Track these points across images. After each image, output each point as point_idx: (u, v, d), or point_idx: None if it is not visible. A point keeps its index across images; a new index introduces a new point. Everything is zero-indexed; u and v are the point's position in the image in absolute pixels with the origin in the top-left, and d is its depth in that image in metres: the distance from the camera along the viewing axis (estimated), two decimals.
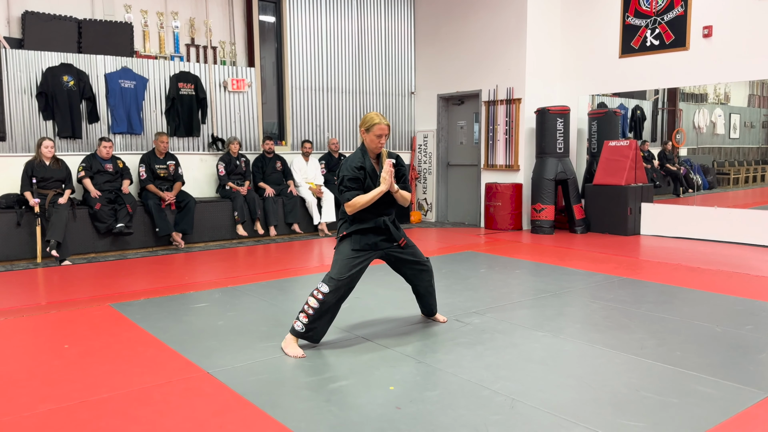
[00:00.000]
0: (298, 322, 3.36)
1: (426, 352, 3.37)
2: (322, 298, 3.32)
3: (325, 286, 3.34)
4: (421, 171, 9.89)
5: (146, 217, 7.01)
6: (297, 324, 3.36)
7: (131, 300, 4.61)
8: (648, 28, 7.71)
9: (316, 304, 3.32)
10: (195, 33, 7.94)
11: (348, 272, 3.37)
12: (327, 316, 3.37)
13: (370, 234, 3.49)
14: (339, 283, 3.34)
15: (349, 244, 3.44)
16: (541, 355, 3.33)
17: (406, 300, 4.53)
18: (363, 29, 9.34)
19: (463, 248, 6.95)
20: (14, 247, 6.23)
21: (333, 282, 3.34)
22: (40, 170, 6.33)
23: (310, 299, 3.35)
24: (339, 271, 3.37)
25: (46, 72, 6.71)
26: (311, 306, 3.33)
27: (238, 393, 2.81)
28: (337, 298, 3.37)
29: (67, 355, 3.38)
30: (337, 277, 3.35)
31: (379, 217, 3.49)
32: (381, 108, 9.62)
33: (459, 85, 9.20)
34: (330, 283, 3.34)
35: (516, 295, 4.69)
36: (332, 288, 3.33)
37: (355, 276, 3.40)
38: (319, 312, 3.33)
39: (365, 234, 3.48)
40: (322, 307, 3.33)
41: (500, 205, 8.40)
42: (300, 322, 3.35)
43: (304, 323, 3.34)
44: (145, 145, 7.48)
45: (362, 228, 3.46)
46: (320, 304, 3.32)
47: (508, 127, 8.60)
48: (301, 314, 3.36)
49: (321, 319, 3.35)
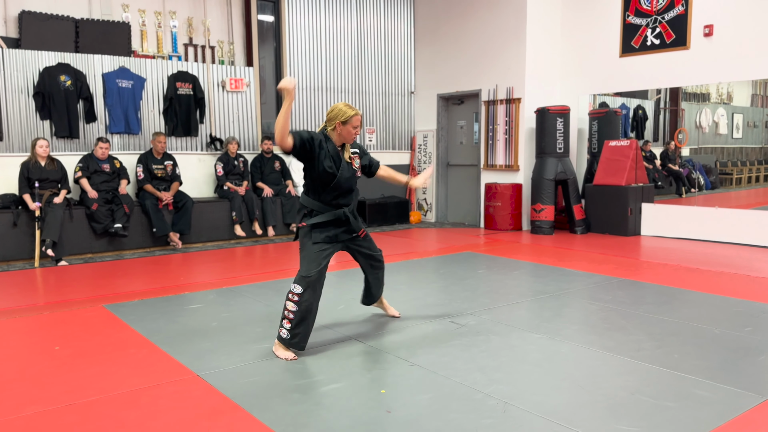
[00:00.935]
0: (283, 329, 3.29)
1: (419, 354, 3.32)
2: (298, 299, 3.25)
3: (298, 287, 3.26)
4: (420, 171, 9.84)
5: (143, 218, 6.98)
6: (282, 331, 3.29)
7: (125, 301, 4.58)
8: (648, 27, 7.65)
9: (294, 307, 3.25)
10: (193, 32, 7.91)
11: (316, 267, 3.29)
12: (308, 318, 3.29)
13: (330, 227, 3.42)
14: (309, 280, 3.26)
15: (309, 239, 3.37)
16: (536, 357, 3.28)
17: (401, 300, 4.49)
18: (362, 28, 9.30)
19: (462, 249, 6.91)
20: (11, 247, 6.20)
21: (304, 281, 3.26)
22: (35, 171, 6.30)
23: (287, 303, 3.27)
24: (307, 268, 3.30)
25: (43, 72, 6.69)
26: (290, 310, 3.25)
27: (227, 396, 2.77)
28: (314, 297, 3.30)
29: (58, 357, 3.34)
30: (306, 274, 3.28)
31: (338, 208, 3.44)
32: (380, 108, 9.57)
33: (459, 85, 9.16)
34: (302, 283, 3.26)
35: (513, 296, 4.65)
36: (304, 287, 3.25)
37: (323, 270, 3.34)
38: (300, 314, 3.25)
39: (325, 227, 3.41)
40: (301, 308, 3.25)
41: (500, 206, 8.35)
42: (284, 329, 3.28)
43: (288, 329, 3.26)
44: (143, 145, 7.45)
45: (321, 222, 3.39)
46: (298, 306, 3.25)
47: (507, 127, 8.54)
48: (284, 321, 3.29)
49: (303, 323, 3.27)
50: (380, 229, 8.78)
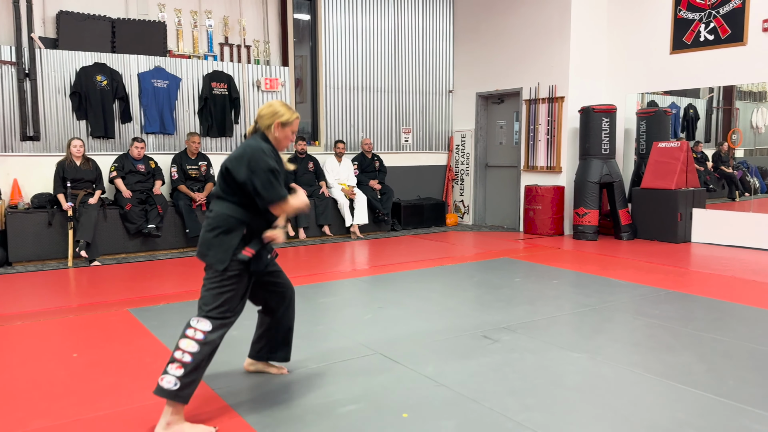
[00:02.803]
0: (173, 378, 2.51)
1: (447, 373, 3.11)
2: (204, 339, 2.59)
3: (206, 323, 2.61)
4: (458, 172, 9.58)
5: (177, 218, 6.95)
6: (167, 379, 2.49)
7: (150, 305, 4.50)
8: (702, 22, 7.20)
9: (197, 349, 2.57)
10: (229, 32, 7.86)
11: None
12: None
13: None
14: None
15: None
16: (574, 380, 3.02)
17: (432, 310, 4.28)
18: (399, 26, 9.10)
19: (499, 254, 6.64)
20: (45, 246, 6.24)
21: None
22: (70, 171, 6.32)
23: (183, 341, 2.59)
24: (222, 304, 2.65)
25: (79, 72, 6.72)
26: (183, 352, 2.56)
27: (240, 416, 2.62)
28: None
29: (74, 365, 3.26)
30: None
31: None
32: (417, 107, 9.36)
33: (499, 83, 8.86)
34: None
35: (552, 308, 4.37)
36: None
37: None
38: (198, 363, 2.57)
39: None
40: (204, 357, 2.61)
41: (540, 209, 8.03)
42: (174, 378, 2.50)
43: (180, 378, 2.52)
44: (178, 145, 7.43)
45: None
46: (205, 346, 2.60)
47: (549, 127, 8.21)
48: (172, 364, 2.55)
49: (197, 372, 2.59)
50: (415, 231, 8.57)
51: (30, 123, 6.50)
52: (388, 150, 9.12)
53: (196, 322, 2.57)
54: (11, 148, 6.45)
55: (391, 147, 9.16)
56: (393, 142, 9.19)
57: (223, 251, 2.59)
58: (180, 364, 2.49)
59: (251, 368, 3.15)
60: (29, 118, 6.49)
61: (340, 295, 4.99)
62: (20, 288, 5.20)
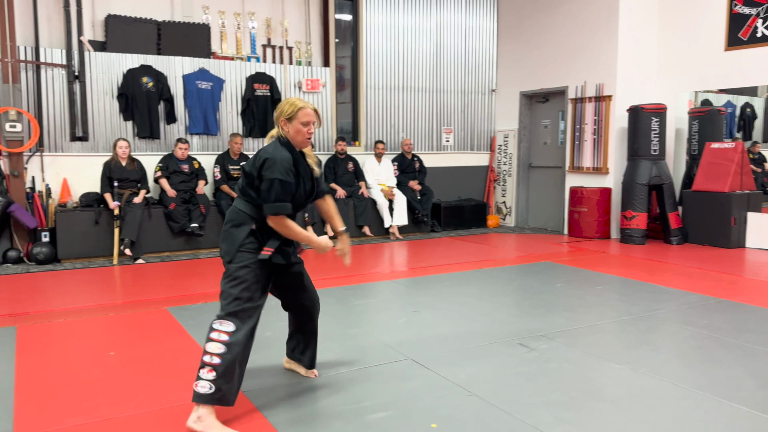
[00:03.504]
0: (207, 382, 2.53)
1: (480, 381, 3.02)
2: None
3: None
4: (500, 173, 9.41)
5: (219, 218, 7.03)
6: (202, 384, 2.51)
7: (189, 304, 4.56)
8: (759, 17, 6.85)
9: (225, 351, 2.59)
10: (271, 33, 7.92)
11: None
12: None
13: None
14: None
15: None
16: (614, 393, 2.89)
17: (468, 315, 4.18)
18: (442, 24, 8.99)
19: (541, 258, 6.47)
20: (92, 244, 6.42)
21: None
22: (116, 170, 6.48)
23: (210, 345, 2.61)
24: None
25: (126, 74, 6.88)
26: (212, 355, 2.58)
27: (267, 419, 2.60)
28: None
29: (110, 364, 3.31)
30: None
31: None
32: (459, 107, 9.23)
33: (543, 82, 8.65)
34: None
35: (594, 316, 4.21)
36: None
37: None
38: (232, 363, 2.59)
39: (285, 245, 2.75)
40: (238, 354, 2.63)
41: (586, 211, 7.80)
42: (209, 382, 2.53)
43: (214, 381, 2.54)
44: (220, 145, 7.53)
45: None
46: (235, 347, 2.61)
47: (596, 127, 7.97)
48: (205, 367, 2.57)
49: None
50: (455, 233, 8.45)
51: (79, 124, 6.69)
52: (429, 150, 9.02)
53: (219, 324, 2.56)
54: (61, 148, 6.66)
55: (431, 147, 9.07)
56: (433, 143, 9.09)
57: (230, 244, 2.64)
58: (210, 367, 2.49)
59: (287, 365, 3.18)
60: (78, 119, 6.69)
61: (375, 297, 4.95)
62: (66, 285, 5.35)
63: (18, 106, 6.25)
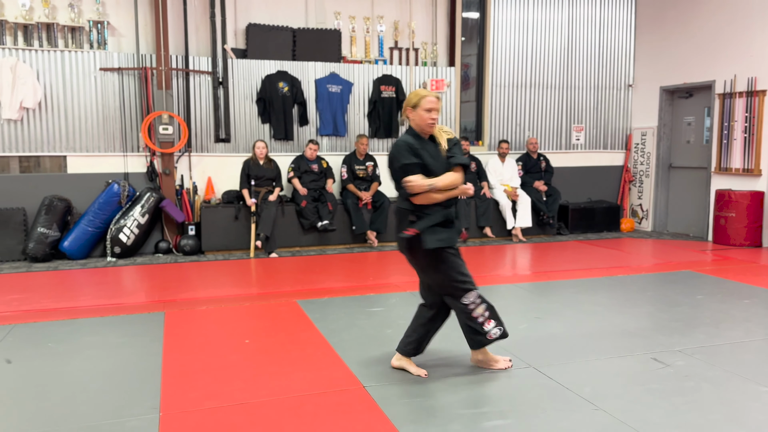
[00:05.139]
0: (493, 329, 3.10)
1: (607, 395, 2.87)
2: (480, 299, 3.09)
3: (473, 293, 3.07)
4: (636, 173, 8.86)
5: (345, 215, 7.29)
6: (493, 331, 3.10)
7: (316, 298, 4.77)
8: None
9: (484, 306, 3.09)
10: (399, 36, 8.05)
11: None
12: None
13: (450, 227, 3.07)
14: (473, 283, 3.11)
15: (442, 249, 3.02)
16: (759, 419, 2.63)
17: (596, 325, 3.99)
18: (574, 17, 8.63)
19: (681, 266, 6.01)
20: (232, 238, 6.92)
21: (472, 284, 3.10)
22: (254, 169, 6.94)
23: (476, 310, 3.05)
24: (465, 274, 3.07)
25: (264, 79, 7.33)
26: (482, 314, 3.08)
27: (386, 415, 2.66)
28: None
29: (245, 351, 3.56)
30: (471, 280, 3.10)
31: (447, 207, 3.05)
32: (591, 103, 8.81)
33: (687, 76, 8.02)
34: (473, 286, 3.09)
35: (739, 333, 3.85)
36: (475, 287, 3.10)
37: None
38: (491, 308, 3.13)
39: (446, 227, 3.05)
40: (488, 303, 3.13)
41: (734, 217, 7.13)
42: (494, 328, 3.10)
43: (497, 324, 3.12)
44: (347, 146, 7.79)
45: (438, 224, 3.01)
46: (484, 301, 3.11)
47: (748, 124, 7.25)
48: (485, 323, 3.08)
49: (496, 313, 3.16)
50: (584, 236, 8.08)
51: (222, 126, 7.23)
52: (556, 149, 8.71)
53: (462, 305, 3.03)
54: (206, 149, 7.23)
55: (559, 146, 8.74)
56: (562, 141, 8.76)
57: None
58: (486, 318, 3.07)
59: (395, 363, 3.25)
60: (222, 122, 7.23)
61: (496, 301, 4.79)
62: (208, 275, 5.81)
63: (170, 110, 6.88)
